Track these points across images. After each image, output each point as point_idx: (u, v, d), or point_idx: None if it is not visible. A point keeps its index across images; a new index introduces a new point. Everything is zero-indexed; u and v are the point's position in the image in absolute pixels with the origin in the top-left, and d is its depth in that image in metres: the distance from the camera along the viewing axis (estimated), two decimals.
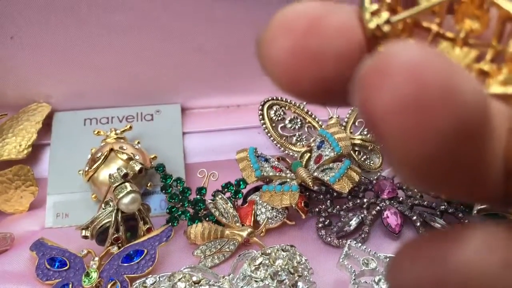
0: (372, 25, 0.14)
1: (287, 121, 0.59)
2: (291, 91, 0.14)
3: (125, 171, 0.48)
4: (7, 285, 0.47)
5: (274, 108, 0.59)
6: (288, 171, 0.53)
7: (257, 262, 0.43)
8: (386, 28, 0.14)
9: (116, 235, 0.48)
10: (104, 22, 0.54)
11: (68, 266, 0.46)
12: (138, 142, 0.56)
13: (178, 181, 0.54)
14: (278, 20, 0.14)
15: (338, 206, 0.52)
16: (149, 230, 0.49)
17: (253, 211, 0.51)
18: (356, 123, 0.60)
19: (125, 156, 0.52)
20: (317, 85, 0.14)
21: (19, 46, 0.54)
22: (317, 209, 0.52)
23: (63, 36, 0.54)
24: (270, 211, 0.51)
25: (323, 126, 0.58)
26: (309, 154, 0.54)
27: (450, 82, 0.12)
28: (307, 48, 0.14)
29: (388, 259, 0.44)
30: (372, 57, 0.12)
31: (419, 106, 0.11)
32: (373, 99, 0.12)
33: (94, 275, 0.45)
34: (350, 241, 0.45)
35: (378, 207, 0.52)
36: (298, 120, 0.59)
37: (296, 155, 0.57)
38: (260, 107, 0.59)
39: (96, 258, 0.46)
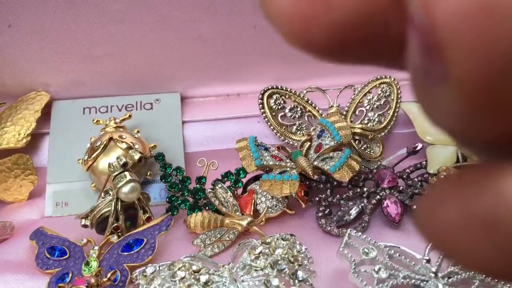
0: None
1: (287, 110, 0.59)
2: (300, 41, 0.12)
3: (124, 160, 0.48)
4: (6, 274, 0.47)
5: (274, 97, 0.58)
6: (288, 160, 0.52)
7: (257, 251, 0.43)
8: None
9: (115, 224, 0.48)
10: (103, 11, 0.54)
11: (68, 255, 0.47)
12: (138, 131, 0.56)
13: (178, 170, 0.53)
14: None
15: (338, 195, 0.52)
16: (148, 219, 0.49)
17: (253, 200, 0.51)
18: (357, 112, 0.59)
19: (124, 145, 0.52)
20: (331, 34, 0.12)
21: (17, 34, 0.54)
22: (317, 198, 0.52)
23: (62, 24, 0.54)
24: (270, 200, 0.51)
25: (323, 115, 0.58)
26: (309, 143, 0.54)
27: None
28: None
29: (388, 248, 0.44)
30: None
31: (490, 10, 0.10)
32: (437, 4, 0.10)
33: (94, 264, 0.45)
34: (350, 230, 0.45)
35: (378, 196, 0.51)
36: (298, 109, 0.59)
37: (296, 144, 0.57)
38: (260, 96, 0.58)
39: (96, 247, 0.46)
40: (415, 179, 0.53)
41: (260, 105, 0.58)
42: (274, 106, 0.58)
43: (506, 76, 0.10)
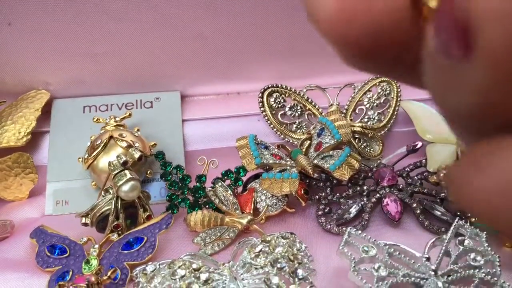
0: None
1: (287, 109, 0.59)
2: (338, 43, 0.14)
3: (124, 158, 0.48)
4: (7, 272, 0.47)
5: (274, 95, 0.58)
6: (288, 159, 0.52)
7: (257, 249, 0.43)
8: None
9: (116, 223, 0.48)
10: (103, 9, 0.54)
11: (68, 253, 0.47)
12: (138, 130, 0.56)
13: (178, 169, 0.53)
14: None
15: (338, 194, 0.52)
16: (149, 217, 0.49)
17: (253, 199, 0.51)
18: (357, 111, 0.59)
19: (124, 144, 0.52)
20: (366, 38, 0.14)
21: (17, 33, 0.54)
22: (317, 197, 0.52)
23: (62, 23, 0.54)
24: (270, 198, 0.51)
25: (323, 114, 0.58)
26: (309, 142, 0.54)
27: None
28: None
29: (388, 246, 0.44)
30: None
31: None
32: None
33: (94, 262, 0.45)
34: (350, 229, 0.45)
35: (378, 195, 0.52)
36: (298, 108, 0.59)
37: (296, 142, 0.57)
38: (260, 94, 0.58)
39: (96, 246, 0.46)
40: (415, 177, 0.53)
41: (260, 104, 0.58)
42: (274, 105, 0.58)
43: None
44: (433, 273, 0.43)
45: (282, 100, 0.59)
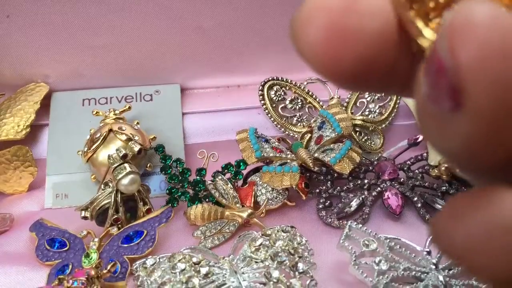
0: None
1: (287, 102, 0.58)
2: (329, 72, 0.15)
3: (124, 152, 0.48)
4: (7, 265, 0.47)
5: (275, 88, 0.58)
6: (288, 152, 0.52)
7: (257, 243, 0.43)
8: None
9: (115, 216, 0.48)
10: (102, 1, 0.53)
11: (68, 247, 0.46)
12: (137, 123, 0.55)
13: (178, 162, 0.53)
14: (314, 0, 0.14)
15: (338, 187, 0.52)
16: (148, 211, 0.49)
17: (253, 192, 0.51)
18: (358, 104, 0.59)
19: (124, 137, 0.52)
20: (356, 64, 0.14)
21: (16, 25, 0.54)
22: (317, 190, 0.52)
23: (61, 15, 0.54)
24: (271, 192, 0.51)
25: (324, 107, 0.58)
26: (309, 135, 0.54)
27: None
28: (346, 25, 0.14)
29: (388, 240, 0.44)
30: (453, 12, 0.13)
31: (503, 53, 0.12)
32: (461, 48, 0.13)
33: (94, 255, 0.45)
34: (351, 222, 0.45)
35: (378, 188, 0.51)
36: (299, 101, 0.58)
37: (296, 135, 0.57)
38: (261, 87, 0.58)
39: (96, 239, 0.46)
40: (416, 171, 0.53)
41: (261, 97, 0.58)
42: (274, 98, 0.58)
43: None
44: (434, 267, 0.43)
45: (282, 93, 0.58)
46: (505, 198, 0.14)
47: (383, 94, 0.58)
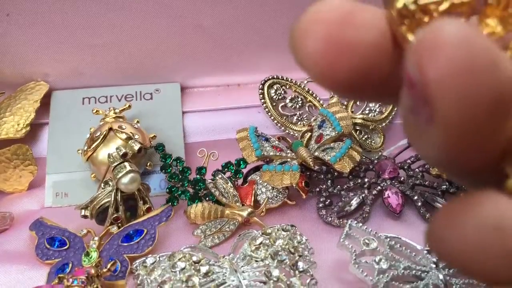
0: (399, 4, 0.15)
1: (287, 100, 0.58)
2: (327, 81, 0.15)
3: (124, 150, 0.48)
4: (7, 264, 0.47)
5: (275, 87, 0.58)
6: (288, 151, 0.52)
7: (258, 242, 0.43)
8: (412, 7, 0.15)
9: (115, 215, 0.48)
10: (102, 0, 0.53)
11: (68, 245, 0.46)
12: (137, 121, 0.55)
13: (178, 161, 0.53)
14: (312, 13, 0.15)
15: (339, 186, 0.52)
16: (148, 209, 0.49)
17: (254, 191, 0.51)
18: (358, 102, 0.59)
19: (124, 136, 0.52)
20: (352, 75, 0.15)
21: (15, 23, 0.53)
22: (317, 189, 0.52)
23: (61, 13, 0.54)
24: (271, 190, 0.51)
25: (324, 105, 0.58)
26: (310, 134, 0.54)
27: (495, 56, 0.13)
28: (343, 37, 0.15)
29: (389, 239, 0.44)
30: (425, 30, 0.14)
31: (470, 71, 0.13)
32: (428, 65, 0.13)
33: (94, 254, 0.45)
34: (351, 221, 0.45)
35: (379, 187, 0.51)
36: (299, 99, 0.58)
37: (296, 134, 0.57)
38: (261, 86, 0.58)
39: (96, 238, 0.46)
40: (416, 169, 0.53)
41: (261, 95, 0.58)
42: (274, 96, 0.58)
43: (481, 121, 0.13)
44: (434, 265, 0.43)
45: (282, 92, 0.58)
46: (493, 200, 0.15)
47: (379, 103, 0.58)
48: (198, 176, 0.52)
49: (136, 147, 0.50)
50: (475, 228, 0.15)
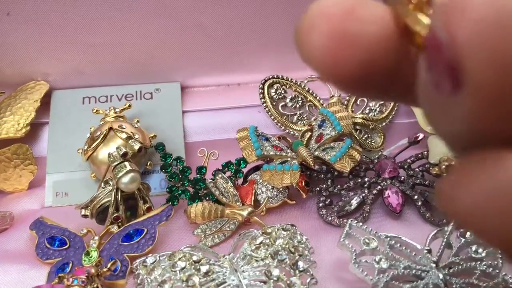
0: None
1: (288, 100, 0.58)
2: (332, 76, 0.15)
3: (124, 150, 0.48)
4: (7, 264, 0.47)
5: (275, 86, 0.58)
6: (288, 150, 0.52)
7: (258, 241, 0.43)
8: None
9: (116, 214, 0.48)
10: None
11: (68, 245, 0.46)
12: (138, 121, 0.55)
13: (178, 160, 0.53)
14: (315, 9, 0.15)
15: (339, 186, 0.52)
16: (149, 209, 0.49)
17: (254, 191, 0.51)
18: (358, 102, 0.59)
19: (124, 135, 0.52)
20: (357, 69, 0.15)
21: (16, 22, 0.53)
22: (318, 189, 0.52)
23: (61, 13, 0.54)
24: (271, 190, 0.51)
25: (324, 105, 0.58)
26: (310, 133, 0.54)
27: None
28: (346, 32, 0.15)
29: (389, 238, 0.44)
30: None
31: (504, 27, 0.12)
32: (459, 24, 0.13)
33: (94, 254, 0.45)
34: (351, 221, 0.45)
35: (379, 187, 0.51)
36: (299, 99, 0.58)
37: (297, 134, 0.57)
38: (261, 85, 0.58)
39: (96, 237, 0.46)
40: (416, 169, 0.53)
41: (261, 95, 0.58)
42: (274, 96, 0.58)
43: (505, 87, 0.13)
44: (434, 265, 0.43)
45: (283, 91, 0.58)
46: (509, 162, 0.14)
47: (383, 101, 0.58)
48: (198, 175, 0.52)
49: (136, 146, 0.50)
50: (489, 189, 0.14)
